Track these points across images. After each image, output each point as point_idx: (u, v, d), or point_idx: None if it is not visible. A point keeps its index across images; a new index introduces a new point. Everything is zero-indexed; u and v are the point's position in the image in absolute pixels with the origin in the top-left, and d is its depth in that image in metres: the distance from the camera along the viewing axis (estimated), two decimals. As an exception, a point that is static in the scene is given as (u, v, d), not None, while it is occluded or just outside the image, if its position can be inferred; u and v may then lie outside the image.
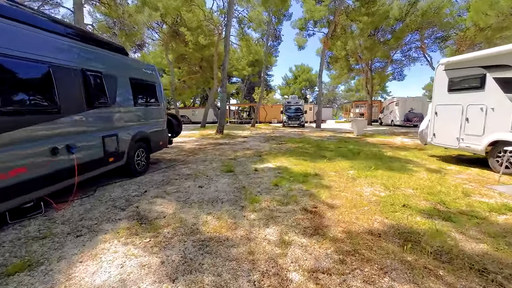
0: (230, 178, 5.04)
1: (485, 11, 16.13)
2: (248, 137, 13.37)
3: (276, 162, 6.53)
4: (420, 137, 7.52)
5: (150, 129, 5.62)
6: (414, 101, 22.77)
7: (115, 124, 4.49)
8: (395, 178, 4.85)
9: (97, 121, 4.03)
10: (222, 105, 14.18)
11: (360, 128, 14.73)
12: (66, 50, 3.57)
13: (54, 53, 3.34)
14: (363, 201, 3.66)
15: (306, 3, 18.49)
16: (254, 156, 7.52)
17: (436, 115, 6.69)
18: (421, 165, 6.19)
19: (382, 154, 7.65)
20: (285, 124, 23.71)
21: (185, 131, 18.15)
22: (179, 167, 6.11)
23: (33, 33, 3.09)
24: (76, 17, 8.96)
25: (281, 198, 3.82)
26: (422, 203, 3.59)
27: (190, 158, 7.34)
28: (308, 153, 8.04)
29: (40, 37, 3.18)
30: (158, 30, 25.23)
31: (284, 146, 9.81)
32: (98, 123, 4.06)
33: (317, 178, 4.96)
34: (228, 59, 14.16)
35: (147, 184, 4.63)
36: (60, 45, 3.47)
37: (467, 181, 4.74)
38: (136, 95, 5.13)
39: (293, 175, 5.13)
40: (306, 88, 56.59)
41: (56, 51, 3.37)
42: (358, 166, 5.88)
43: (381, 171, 5.37)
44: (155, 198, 3.91)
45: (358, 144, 10.32)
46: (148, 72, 5.68)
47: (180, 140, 12.05)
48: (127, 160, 4.83)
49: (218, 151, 8.54)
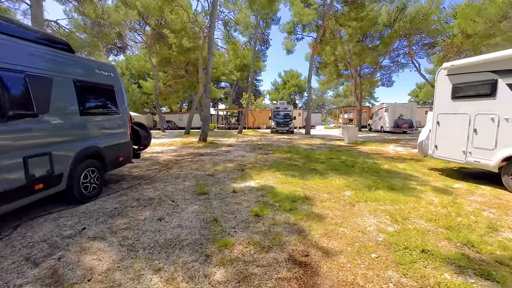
0: (202, 204, 4.07)
1: (473, 18, 16.03)
2: (233, 146, 12.42)
3: (260, 179, 5.62)
4: (419, 148, 6.82)
5: (105, 143, 4.59)
6: (404, 107, 22.56)
7: (47, 139, 3.45)
8: (401, 203, 4.03)
9: (14, 137, 2.99)
10: (206, 111, 13.20)
11: (351, 136, 14.10)
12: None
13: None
14: (368, 243, 2.79)
15: (294, 6, 17.94)
16: (235, 171, 6.59)
17: (438, 124, 5.99)
18: (424, 182, 5.43)
19: (379, 167, 6.89)
20: (273, 130, 22.94)
21: (167, 139, 17.01)
22: (143, 187, 5.09)
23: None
24: (33, 11, 7.83)
25: (261, 239, 2.90)
26: (444, 244, 2.76)
27: (161, 174, 6.32)
28: (297, 166, 7.18)
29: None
30: (141, 32, 24.12)
31: (271, 156, 8.93)
32: (17, 140, 3.02)
33: (308, 203, 4.08)
34: (212, 62, 13.26)
35: (91, 216, 3.60)
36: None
37: (485, 205, 3.98)
38: (84, 102, 4.12)
39: (279, 199, 4.23)
40: (295, 93, 56.43)
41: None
42: (354, 185, 5.06)
43: (382, 193, 4.56)
44: (92, 240, 2.90)
45: (351, 154, 9.58)
46: (103, 73, 4.67)
47: (157, 150, 10.96)
48: (68, 184, 3.78)
49: (196, 164, 7.55)
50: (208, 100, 13.12)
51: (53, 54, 3.71)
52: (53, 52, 3.72)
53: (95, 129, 4.42)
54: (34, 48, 3.38)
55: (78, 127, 4.01)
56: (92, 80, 4.38)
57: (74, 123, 3.92)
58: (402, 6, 19.43)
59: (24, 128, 3.13)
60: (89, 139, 4.23)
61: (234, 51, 20.92)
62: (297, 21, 19.33)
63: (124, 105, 5.22)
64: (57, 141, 3.59)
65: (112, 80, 4.90)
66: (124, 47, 27.45)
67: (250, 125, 34.35)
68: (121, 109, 5.08)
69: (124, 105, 5.23)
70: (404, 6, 19.40)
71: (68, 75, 3.85)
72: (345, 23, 19.49)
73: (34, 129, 3.28)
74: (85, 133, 4.17)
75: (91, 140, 4.26)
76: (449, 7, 20.22)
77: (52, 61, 3.67)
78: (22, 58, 3.18)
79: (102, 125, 4.62)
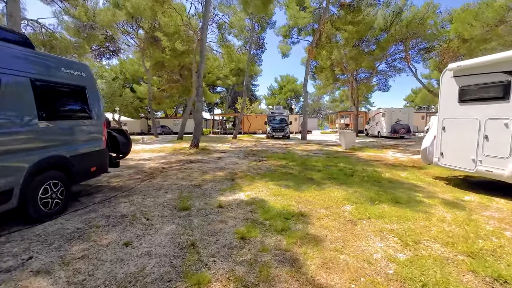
0: (180, 223, 3.51)
1: (470, 22, 15.86)
2: (226, 152, 11.87)
3: (251, 191, 5.08)
4: (423, 155, 6.35)
5: (72, 151, 4.02)
6: (401, 112, 22.28)
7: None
8: (409, 220, 3.52)
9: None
10: (198, 115, 12.67)
11: (349, 141, 13.65)
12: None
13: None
14: (376, 278, 2.26)
15: (289, 9, 17.65)
16: (225, 181, 6.04)
17: (443, 130, 5.54)
18: (431, 194, 4.94)
19: (380, 176, 6.40)
20: (269, 135, 22.45)
21: (158, 144, 16.41)
22: (118, 201, 4.51)
23: None
24: (9, 9, 7.29)
25: (245, 272, 2.35)
26: (469, 279, 2.24)
27: (143, 184, 5.75)
28: (292, 174, 6.66)
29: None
30: (134, 36, 23.66)
31: (264, 164, 8.40)
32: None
33: (303, 221, 3.54)
34: (204, 65, 12.79)
35: (46, 240, 3.02)
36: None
37: (505, 223, 3.49)
38: (45, 105, 3.56)
39: (270, 215, 3.69)
40: (291, 98, 56.33)
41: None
42: (355, 197, 4.55)
43: (386, 207, 4.05)
44: (34, 275, 2.33)
45: (349, 160, 9.10)
46: (72, 73, 4.13)
47: (145, 157, 10.38)
48: (21, 200, 3.20)
49: (183, 173, 6.98)
50: (200, 104, 12.61)
51: (7, 49, 3.17)
52: (10, 46, 3.19)
53: (60, 136, 3.86)
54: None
55: (36, 134, 3.45)
56: (57, 80, 3.83)
57: (30, 129, 3.35)
58: (398, 10, 19.27)
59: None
60: (51, 147, 3.67)
61: (229, 55, 20.52)
62: (292, 24, 19.04)
63: (99, 109, 4.67)
64: (5, 150, 3.02)
65: (83, 81, 4.36)
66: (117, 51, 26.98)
67: (245, 130, 33.88)
68: (94, 113, 4.53)
69: (99, 108, 4.68)
70: (401, 10, 19.25)
71: (24, 73, 3.30)
72: (341, 27, 19.26)
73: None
74: (46, 140, 3.60)
75: (53, 149, 3.70)
76: (445, 12, 20.15)
77: (5, 56, 3.13)
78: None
79: (70, 131, 4.06)
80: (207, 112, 54.52)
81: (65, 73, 4.00)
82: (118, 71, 37.50)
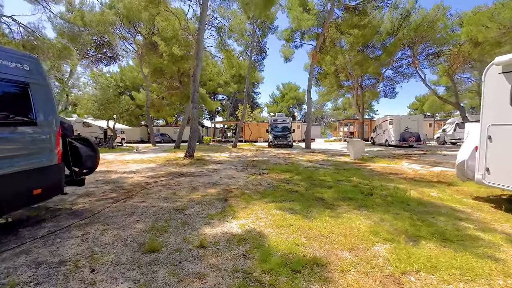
0: (137, 279, 2.37)
1: (485, 24, 14.88)
2: (223, 163, 10.76)
3: (247, 218, 3.94)
4: (459, 170, 5.19)
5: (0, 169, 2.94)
6: (410, 119, 21.13)
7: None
8: (479, 275, 2.36)
9: None
10: (193, 123, 11.63)
11: (358, 151, 12.49)
12: None
13: None
14: None
15: (292, 11, 16.83)
16: (216, 201, 4.91)
17: (489, 140, 4.40)
18: (483, 224, 3.76)
19: (406, 196, 5.22)
20: (271, 144, 21.36)
21: (152, 154, 15.36)
22: (69, 234, 3.38)
23: None
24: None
25: None
26: None
27: (115, 206, 4.63)
28: (298, 193, 5.52)
29: None
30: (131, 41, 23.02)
31: (265, 178, 7.26)
32: None
33: (320, 276, 2.38)
34: (200, 68, 11.84)
35: None
36: None
37: None
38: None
39: (271, 265, 2.54)
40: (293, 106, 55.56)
41: None
42: (385, 230, 3.38)
43: (434, 248, 2.88)
44: None
45: (362, 174, 7.93)
46: (8, 65, 3.10)
47: (132, 168, 9.29)
48: None
49: (168, 190, 5.87)
50: (196, 111, 11.59)
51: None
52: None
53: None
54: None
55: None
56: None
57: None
58: (406, 14, 18.42)
59: None
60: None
61: (229, 59, 19.67)
62: (295, 27, 18.20)
63: (50, 113, 3.61)
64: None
65: (26, 75, 3.32)
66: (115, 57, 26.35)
67: (246, 139, 32.85)
68: (41, 118, 3.46)
69: (50, 112, 3.62)
70: (409, 13, 18.39)
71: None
72: (346, 31, 18.39)
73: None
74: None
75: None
76: (455, 15, 19.27)
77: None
78: None
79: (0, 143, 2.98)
80: (208, 120, 53.77)
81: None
82: (119, 79, 36.87)
